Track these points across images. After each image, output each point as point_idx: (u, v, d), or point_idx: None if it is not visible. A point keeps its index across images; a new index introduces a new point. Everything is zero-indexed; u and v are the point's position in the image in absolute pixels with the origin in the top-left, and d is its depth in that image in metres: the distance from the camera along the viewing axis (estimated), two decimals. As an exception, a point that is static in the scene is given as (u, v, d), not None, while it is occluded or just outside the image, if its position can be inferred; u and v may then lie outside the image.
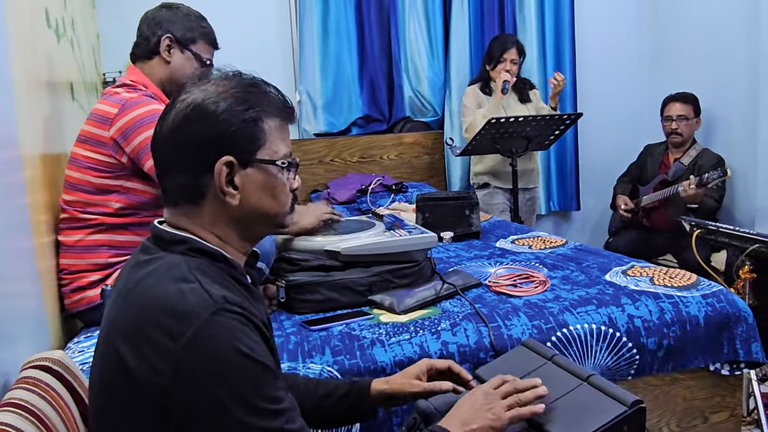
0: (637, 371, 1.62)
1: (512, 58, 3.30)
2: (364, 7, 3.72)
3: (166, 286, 0.86)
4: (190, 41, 1.82)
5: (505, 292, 1.80)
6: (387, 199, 3.30)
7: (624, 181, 3.68)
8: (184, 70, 1.81)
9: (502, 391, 1.07)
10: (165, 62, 1.81)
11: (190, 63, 1.82)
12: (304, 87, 3.71)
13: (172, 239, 0.93)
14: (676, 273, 1.87)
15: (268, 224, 1.00)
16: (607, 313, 1.63)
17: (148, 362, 0.82)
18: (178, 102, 0.95)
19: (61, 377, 1.15)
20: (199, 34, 1.83)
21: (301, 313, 1.72)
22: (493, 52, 3.34)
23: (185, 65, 1.82)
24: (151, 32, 1.80)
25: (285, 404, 0.86)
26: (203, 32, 1.85)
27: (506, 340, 1.54)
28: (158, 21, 1.81)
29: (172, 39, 1.80)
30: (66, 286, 1.68)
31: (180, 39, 1.81)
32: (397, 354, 1.47)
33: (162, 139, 0.95)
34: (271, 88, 1.00)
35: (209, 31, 1.88)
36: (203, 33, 1.85)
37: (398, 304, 1.69)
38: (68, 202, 1.70)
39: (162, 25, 1.80)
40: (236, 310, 0.85)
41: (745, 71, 3.40)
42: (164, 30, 1.79)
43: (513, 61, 3.30)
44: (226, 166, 0.92)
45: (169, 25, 1.80)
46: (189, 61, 1.82)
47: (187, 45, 1.82)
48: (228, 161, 0.92)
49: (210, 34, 1.88)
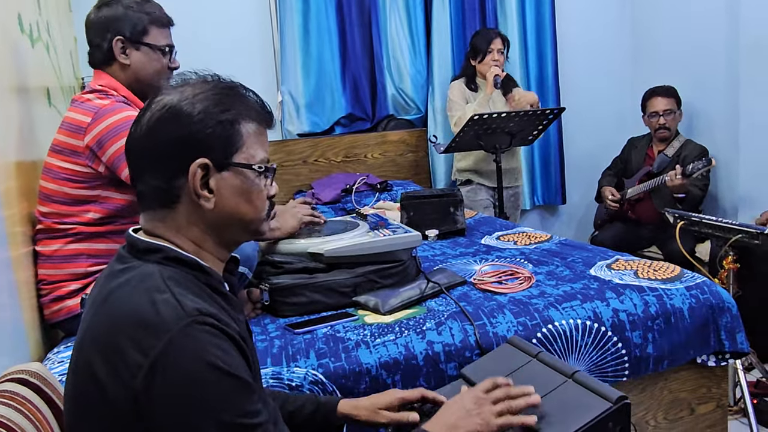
0: (631, 371, 1.62)
1: (499, 47, 3.29)
2: (344, 5, 3.70)
3: (138, 297, 0.84)
4: (141, 34, 1.72)
5: (491, 289, 1.79)
6: (372, 198, 3.29)
7: (609, 174, 3.69)
8: (145, 68, 1.74)
9: (493, 397, 1.06)
10: (124, 66, 1.74)
11: (149, 57, 1.74)
12: (286, 87, 3.69)
13: (147, 248, 0.91)
14: (660, 266, 1.87)
15: (244, 230, 0.98)
16: (591, 308, 1.63)
17: (119, 376, 0.80)
18: (153, 104, 0.94)
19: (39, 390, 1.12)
20: (147, 22, 1.73)
21: (286, 316, 1.71)
22: (479, 46, 3.32)
23: (145, 62, 1.74)
24: (100, 38, 1.72)
25: (261, 418, 0.84)
26: (151, 18, 1.74)
27: (492, 338, 1.54)
28: (103, 24, 1.71)
29: (123, 40, 1.71)
30: (45, 296, 1.65)
31: (131, 37, 1.71)
32: (383, 355, 1.46)
33: (136, 142, 0.94)
34: (249, 92, 0.99)
35: (157, 13, 1.76)
36: (152, 19, 1.74)
37: (383, 304, 1.68)
38: (44, 213, 1.67)
39: (108, 28, 1.71)
40: (210, 321, 0.83)
41: (725, 63, 3.43)
42: (112, 32, 1.70)
43: (500, 50, 3.29)
44: (201, 169, 0.91)
45: (115, 24, 1.70)
46: (148, 55, 1.74)
47: (139, 40, 1.73)
48: (203, 163, 0.91)
49: (158, 17, 1.76)
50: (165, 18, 1.79)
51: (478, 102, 3.24)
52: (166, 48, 1.78)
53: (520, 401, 1.05)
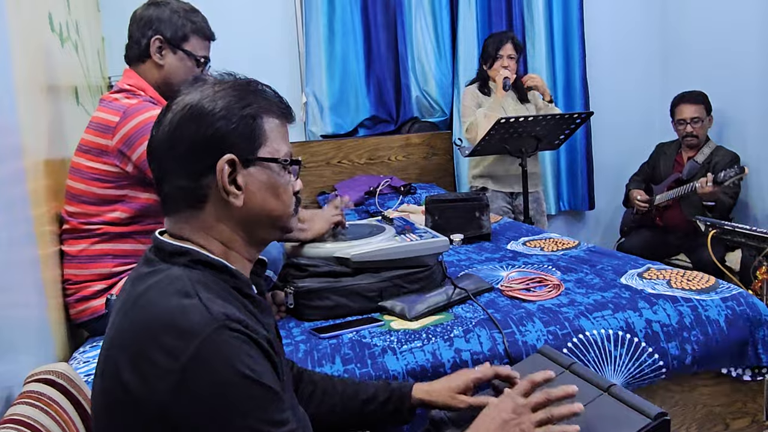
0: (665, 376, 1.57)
1: (509, 53, 3.19)
2: (370, 6, 3.69)
3: (167, 301, 0.83)
4: (181, 40, 1.73)
5: (519, 296, 1.76)
6: (395, 200, 3.26)
7: (637, 179, 3.63)
8: (178, 72, 1.74)
9: (532, 402, 1.01)
10: (158, 65, 1.74)
11: (183, 63, 1.75)
12: (311, 88, 3.68)
13: (174, 251, 0.90)
14: (694, 275, 1.82)
15: (273, 227, 0.97)
16: (624, 318, 1.59)
17: (147, 381, 0.79)
18: (173, 105, 0.93)
19: (65, 391, 1.12)
20: (190, 31, 1.74)
21: (311, 320, 1.69)
22: (488, 50, 3.24)
23: (179, 67, 1.75)
24: (140, 34, 1.72)
25: (290, 426, 0.82)
26: (195, 27, 1.75)
27: (521, 346, 1.50)
28: (146, 21, 1.72)
29: (162, 40, 1.72)
30: (71, 296, 1.65)
31: (170, 39, 1.72)
32: (410, 362, 1.43)
33: (159, 144, 0.93)
34: (266, 88, 0.98)
35: (201, 24, 1.77)
36: (195, 29, 1.75)
37: (409, 310, 1.65)
38: (71, 213, 1.67)
39: (151, 26, 1.71)
40: (238, 327, 0.81)
41: (759, 67, 3.35)
42: (154, 31, 1.71)
43: (510, 56, 3.20)
44: (228, 165, 0.89)
45: (158, 24, 1.71)
46: (182, 61, 1.75)
47: (178, 45, 1.73)
48: (230, 159, 0.89)
49: (202, 28, 1.77)
50: (208, 31, 1.81)
51: (488, 106, 3.17)
52: (202, 59, 1.79)
53: (562, 409, 1.00)
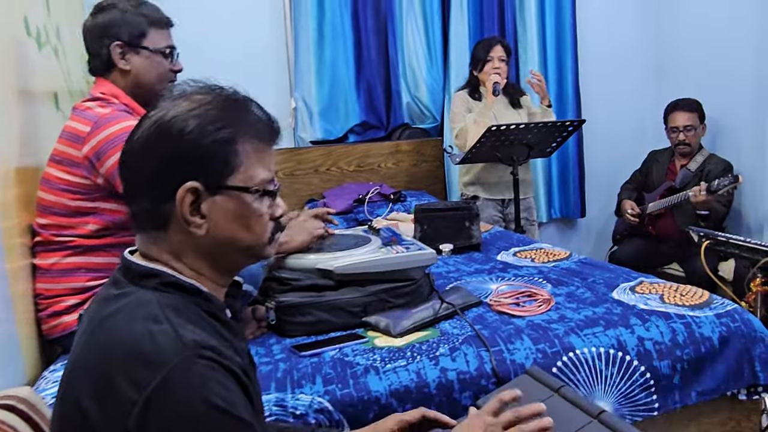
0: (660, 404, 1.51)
1: (499, 55, 3.13)
2: (360, 10, 3.63)
3: (134, 327, 0.77)
4: (139, 38, 1.65)
5: (508, 311, 1.71)
6: (385, 208, 3.20)
7: (629, 188, 3.59)
8: (148, 72, 1.67)
9: (503, 421, 0.98)
10: (125, 72, 1.66)
11: (150, 61, 1.67)
12: (300, 93, 3.62)
13: (143, 273, 0.85)
14: (687, 290, 1.78)
15: (243, 256, 0.91)
16: (615, 335, 1.54)
17: (107, 411, 0.73)
18: (145, 119, 0.87)
19: (27, 417, 1.06)
20: (146, 24, 1.65)
21: (292, 336, 1.63)
22: (478, 55, 3.18)
23: (147, 66, 1.67)
24: (98, 45, 1.64)
25: None
26: (149, 20, 1.66)
27: (509, 365, 1.45)
28: (100, 30, 1.64)
29: (121, 45, 1.64)
30: (43, 311, 1.59)
31: (129, 41, 1.64)
32: (393, 382, 1.38)
33: (128, 160, 0.87)
34: (254, 105, 0.91)
35: (154, 15, 1.68)
36: (150, 21, 1.66)
37: (394, 326, 1.60)
38: (42, 225, 1.60)
39: (105, 33, 1.63)
40: (210, 355, 0.76)
41: (753, 75, 3.32)
42: (110, 38, 1.63)
43: (501, 58, 3.14)
44: (191, 193, 0.83)
45: (112, 29, 1.63)
46: (149, 59, 1.67)
47: (139, 44, 1.65)
48: (192, 187, 0.83)
49: (156, 18, 1.68)
50: (164, 19, 1.72)
51: (478, 112, 3.11)
52: (167, 50, 1.70)
53: (531, 425, 0.97)
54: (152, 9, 1.70)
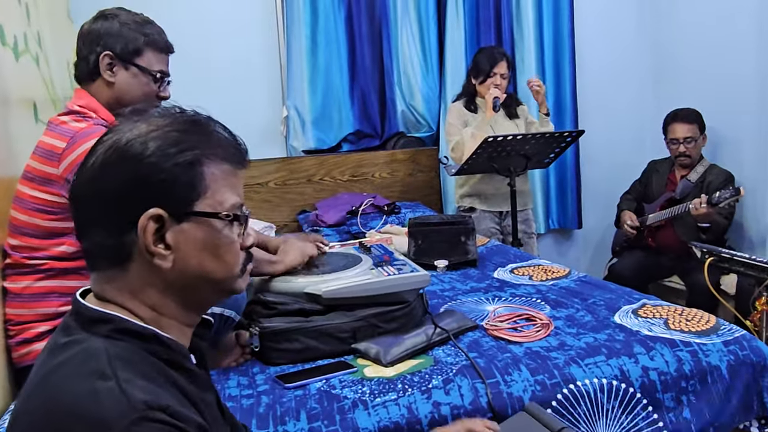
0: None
1: (502, 72, 3.08)
2: (354, 17, 3.55)
3: (77, 385, 0.69)
4: (133, 54, 1.58)
5: (504, 337, 1.62)
6: (379, 221, 3.13)
7: (628, 198, 3.51)
8: (131, 90, 1.60)
9: None
10: (109, 83, 1.59)
11: (137, 80, 1.60)
12: (292, 101, 3.54)
13: (95, 318, 0.76)
14: (693, 315, 1.70)
15: (213, 290, 0.83)
16: (618, 365, 1.45)
17: None
18: (99, 144, 0.78)
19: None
20: (143, 44, 1.59)
21: (277, 364, 1.54)
22: (482, 66, 3.10)
23: (132, 84, 1.60)
24: (88, 50, 1.57)
25: None
26: (148, 40, 1.60)
27: (506, 399, 1.36)
28: (94, 36, 1.57)
29: (112, 56, 1.57)
30: (12, 337, 1.50)
31: (121, 54, 1.57)
32: (382, 418, 1.29)
33: (79, 190, 0.79)
34: (218, 126, 0.83)
35: (155, 36, 1.62)
36: (148, 41, 1.60)
37: (385, 354, 1.51)
38: (13, 247, 1.52)
39: (99, 41, 1.57)
40: (161, 417, 0.67)
41: (754, 85, 3.25)
42: (102, 46, 1.56)
43: (503, 75, 3.08)
44: (154, 221, 0.76)
45: (107, 39, 1.57)
46: (136, 78, 1.60)
47: (130, 60, 1.59)
48: (155, 215, 0.75)
49: (157, 40, 1.62)
50: (164, 43, 1.65)
51: (476, 125, 3.03)
52: (158, 74, 1.63)
53: None
54: (155, 30, 1.64)
